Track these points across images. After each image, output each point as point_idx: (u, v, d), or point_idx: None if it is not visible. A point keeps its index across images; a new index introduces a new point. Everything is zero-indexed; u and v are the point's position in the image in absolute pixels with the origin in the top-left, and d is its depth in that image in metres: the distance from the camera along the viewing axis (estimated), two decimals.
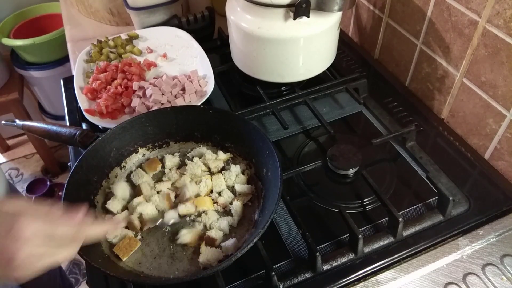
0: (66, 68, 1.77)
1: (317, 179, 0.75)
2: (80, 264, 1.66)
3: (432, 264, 0.62)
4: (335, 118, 0.87)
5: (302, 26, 0.77)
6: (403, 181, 0.74)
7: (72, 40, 1.16)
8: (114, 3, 1.14)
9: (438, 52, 0.80)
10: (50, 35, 1.65)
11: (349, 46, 1.05)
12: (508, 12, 0.64)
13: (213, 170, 0.72)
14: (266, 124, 0.87)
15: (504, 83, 0.68)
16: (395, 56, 0.94)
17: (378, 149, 0.79)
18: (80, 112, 0.86)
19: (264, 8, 0.76)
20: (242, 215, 0.66)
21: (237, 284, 0.62)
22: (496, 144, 0.74)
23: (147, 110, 0.82)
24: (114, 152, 0.72)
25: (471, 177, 0.74)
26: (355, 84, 0.89)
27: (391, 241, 0.65)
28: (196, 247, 0.63)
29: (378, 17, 0.95)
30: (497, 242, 0.64)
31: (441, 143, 0.80)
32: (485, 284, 0.59)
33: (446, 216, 0.67)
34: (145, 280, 0.59)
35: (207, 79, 0.89)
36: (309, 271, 0.62)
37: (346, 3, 0.75)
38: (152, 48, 1.01)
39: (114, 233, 0.63)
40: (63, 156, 2.09)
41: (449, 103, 0.82)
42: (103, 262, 0.58)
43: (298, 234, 0.65)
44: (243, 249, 0.55)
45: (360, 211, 0.70)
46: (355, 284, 0.61)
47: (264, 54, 0.82)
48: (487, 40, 0.69)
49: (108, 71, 0.90)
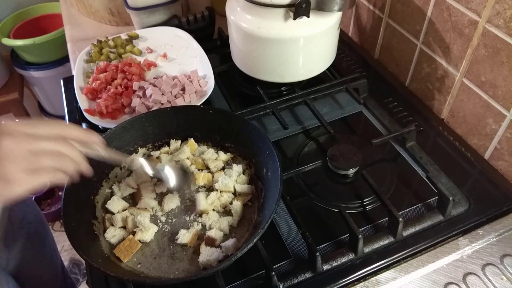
0: (66, 68, 1.76)
1: (317, 179, 0.75)
2: (80, 264, 1.65)
3: (432, 264, 0.62)
4: (335, 118, 0.87)
5: (302, 26, 0.77)
6: (403, 181, 0.74)
7: (72, 40, 1.16)
8: (114, 3, 1.14)
9: (438, 52, 0.80)
10: (50, 35, 1.65)
11: (349, 46, 1.05)
12: (508, 12, 0.64)
13: (212, 170, 0.72)
14: (266, 124, 0.87)
15: (504, 83, 0.68)
16: (395, 56, 0.94)
17: (378, 149, 0.79)
18: (80, 112, 0.86)
19: (264, 8, 0.76)
20: (242, 215, 0.66)
21: (237, 284, 0.62)
22: (496, 144, 0.74)
23: (147, 110, 0.82)
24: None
25: (471, 177, 0.74)
26: (355, 84, 0.89)
27: (391, 241, 0.65)
28: (196, 247, 0.63)
29: (378, 17, 0.95)
30: (497, 242, 0.64)
31: (441, 143, 0.80)
32: (485, 284, 0.59)
33: (446, 216, 0.67)
34: (145, 280, 0.59)
35: (207, 79, 0.89)
36: (309, 271, 0.62)
37: (346, 3, 0.75)
38: (152, 48, 1.01)
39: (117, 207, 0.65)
40: None
41: (449, 103, 0.82)
42: (103, 262, 0.58)
43: (298, 234, 0.65)
44: (243, 249, 0.55)
45: (360, 211, 0.70)
46: (355, 284, 0.61)
47: (264, 54, 0.82)
48: (487, 40, 0.69)
49: (108, 71, 0.90)
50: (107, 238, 0.63)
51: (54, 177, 0.50)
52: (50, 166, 0.50)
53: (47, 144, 0.50)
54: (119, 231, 0.64)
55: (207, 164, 0.73)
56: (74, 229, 0.59)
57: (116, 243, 0.63)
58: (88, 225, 0.64)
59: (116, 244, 0.63)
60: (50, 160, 0.50)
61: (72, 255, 1.67)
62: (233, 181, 0.69)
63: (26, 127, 0.49)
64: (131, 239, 0.63)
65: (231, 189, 0.69)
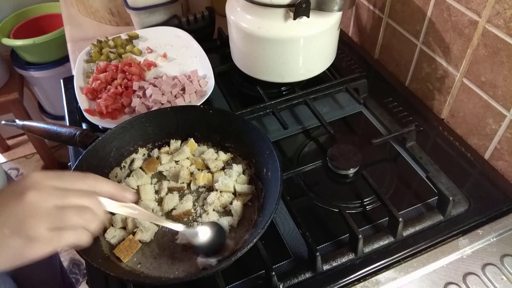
0: (66, 68, 1.77)
1: (317, 179, 0.75)
2: (80, 264, 1.66)
3: (432, 264, 0.62)
4: (335, 118, 0.87)
5: (302, 26, 0.77)
6: (403, 181, 0.74)
7: (72, 40, 1.16)
8: (114, 3, 1.14)
9: (438, 52, 0.80)
10: (50, 35, 1.65)
11: (349, 46, 1.05)
12: (508, 12, 0.64)
13: (212, 170, 0.72)
14: (266, 124, 0.87)
15: (504, 83, 0.68)
16: (395, 56, 0.94)
17: (378, 149, 0.79)
18: (80, 112, 0.86)
19: (264, 8, 0.76)
20: (242, 215, 0.66)
21: (237, 284, 0.62)
22: (496, 144, 0.74)
23: (147, 110, 0.82)
24: (114, 152, 0.72)
25: (471, 177, 0.74)
26: (355, 84, 0.89)
27: (391, 241, 0.65)
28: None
29: (378, 17, 0.95)
30: (497, 242, 0.64)
31: (441, 143, 0.80)
32: (485, 284, 0.59)
33: (446, 216, 0.67)
34: (145, 280, 0.59)
35: (207, 79, 0.89)
36: (309, 271, 0.62)
37: (346, 3, 0.75)
38: (152, 48, 1.01)
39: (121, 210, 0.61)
40: (63, 156, 2.09)
41: (449, 103, 0.82)
42: (103, 262, 0.58)
43: (298, 234, 0.65)
44: (243, 249, 0.55)
45: (360, 211, 0.70)
46: (355, 284, 0.61)
47: (264, 54, 0.82)
48: (487, 40, 0.69)
49: (108, 71, 0.90)
50: (107, 239, 0.63)
51: (78, 238, 0.46)
52: (76, 224, 0.45)
53: (76, 200, 0.46)
54: (119, 232, 0.64)
55: (207, 164, 0.73)
56: None
57: (116, 243, 0.63)
58: None
59: (116, 244, 0.63)
60: (77, 218, 0.45)
61: (72, 255, 1.67)
62: (233, 181, 0.69)
63: (54, 180, 0.45)
64: (131, 239, 0.63)
65: (231, 189, 0.69)
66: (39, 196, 0.43)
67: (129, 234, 0.64)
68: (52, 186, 0.45)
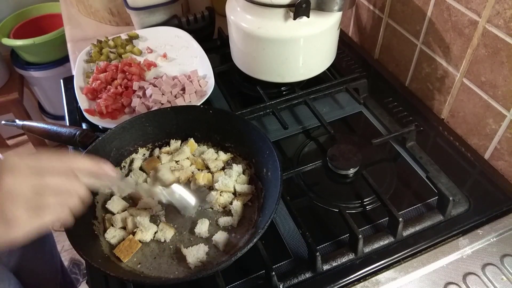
0: (66, 68, 1.77)
1: (317, 179, 0.75)
2: (80, 264, 1.65)
3: (432, 264, 0.62)
4: (335, 118, 0.87)
5: (302, 26, 0.77)
6: (403, 181, 0.74)
7: (72, 40, 1.16)
8: (114, 3, 1.14)
9: (438, 52, 0.80)
10: (50, 35, 1.65)
11: (349, 46, 1.05)
12: (508, 12, 0.64)
13: (212, 170, 0.72)
14: (266, 124, 0.87)
15: (504, 83, 0.68)
16: (395, 56, 0.94)
17: (378, 149, 0.79)
18: (80, 112, 0.86)
19: (264, 8, 0.76)
20: (242, 215, 0.66)
21: (237, 284, 0.62)
22: (496, 144, 0.74)
23: (147, 110, 0.82)
24: (114, 152, 0.72)
25: (471, 177, 0.74)
26: (355, 84, 0.89)
27: (391, 241, 0.65)
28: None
29: (378, 17, 0.95)
30: (497, 242, 0.64)
31: (441, 143, 0.80)
32: (485, 284, 0.59)
33: (446, 216, 0.67)
34: (145, 280, 0.59)
35: (207, 79, 0.89)
36: (309, 271, 0.62)
37: (346, 3, 0.75)
38: (152, 48, 1.01)
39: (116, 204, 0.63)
40: None
41: (449, 103, 0.82)
42: (103, 262, 0.58)
43: (298, 234, 0.65)
44: (243, 249, 0.55)
45: (360, 211, 0.70)
46: (355, 284, 0.61)
47: (264, 54, 0.82)
48: (487, 40, 0.69)
49: (108, 71, 0.90)
50: (107, 239, 0.63)
51: (58, 217, 0.47)
52: (54, 203, 0.46)
53: (52, 179, 0.46)
54: (119, 232, 0.64)
55: (207, 164, 0.73)
56: (74, 229, 0.59)
57: (116, 243, 0.63)
58: (88, 225, 0.64)
59: (116, 244, 0.63)
60: (55, 197, 0.46)
61: (72, 255, 1.67)
62: (233, 181, 0.69)
63: (30, 161, 0.45)
64: (131, 239, 0.63)
65: (231, 189, 0.69)
66: (15, 179, 0.44)
67: (129, 234, 0.64)
68: (28, 167, 0.45)
